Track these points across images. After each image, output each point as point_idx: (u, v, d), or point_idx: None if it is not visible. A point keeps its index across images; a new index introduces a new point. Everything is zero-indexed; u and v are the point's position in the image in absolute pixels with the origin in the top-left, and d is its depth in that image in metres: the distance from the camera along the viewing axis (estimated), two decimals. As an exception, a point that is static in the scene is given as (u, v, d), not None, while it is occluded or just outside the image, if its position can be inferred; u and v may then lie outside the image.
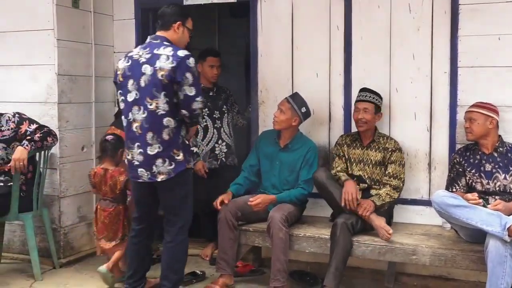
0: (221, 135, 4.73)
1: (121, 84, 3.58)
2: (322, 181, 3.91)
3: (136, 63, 3.53)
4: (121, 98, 3.59)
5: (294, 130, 4.21)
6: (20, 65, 4.69)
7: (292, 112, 4.12)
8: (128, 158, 3.63)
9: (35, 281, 4.22)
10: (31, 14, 4.60)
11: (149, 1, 5.02)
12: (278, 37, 4.56)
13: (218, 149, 4.71)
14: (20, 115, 4.30)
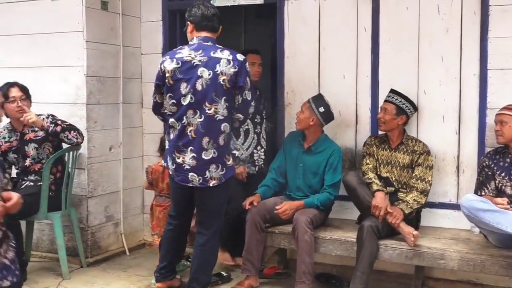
0: (260, 141, 4.63)
1: (171, 86, 3.51)
2: (353, 185, 3.89)
3: (188, 65, 3.47)
4: (172, 101, 3.52)
5: (317, 131, 4.19)
6: (50, 67, 4.76)
7: (310, 111, 4.11)
8: (177, 161, 3.55)
9: (63, 279, 4.28)
10: (61, 17, 4.67)
11: (176, 3, 5.06)
12: (305, 38, 4.54)
13: (257, 155, 4.61)
14: (53, 116, 4.38)
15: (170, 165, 3.61)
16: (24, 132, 4.37)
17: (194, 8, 3.67)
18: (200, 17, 3.62)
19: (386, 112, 3.97)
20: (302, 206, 4.00)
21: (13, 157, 4.35)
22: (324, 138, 4.23)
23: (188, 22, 3.69)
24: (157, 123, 5.06)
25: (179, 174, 3.57)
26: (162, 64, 3.55)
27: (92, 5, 4.64)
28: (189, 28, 3.69)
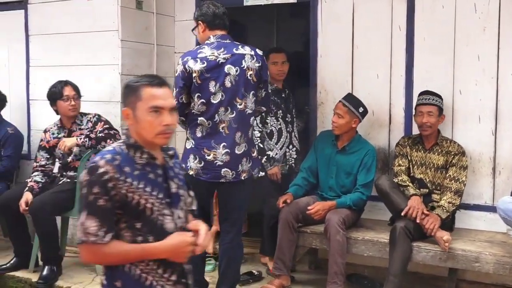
0: (292, 140, 4.58)
1: (199, 86, 3.50)
2: (385, 189, 3.85)
3: (214, 64, 3.48)
4: (201, 100, 3.50)
5: (352, 132, 4.16)
6: (86, 65, 4.84)
7: (350, 114, 4.06)
8: (207, 158, 3.53)
9: (96, 275, 4.33)
10: (97, 16, 4.74)
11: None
12: (338, 37, 4.52)
13: (289, 154, 4.55)
14: (99, 116, 4.48)
15: (196, 163, 3.54)
16: (72, 130, 4.47)
17: (204, 8, 3.68)
18: (212, 15, 3.64)
19: (432, 115, 3.87)
20: (334, 206, 3.98)
21: (59, 152, 4.46)
22: (358, 138, 4.20)
23: (199, 22, 3.67)
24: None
25: (208, 171, 3.54)
26: (186, 65, 3.48)
27: (127, 4, 4.69)
28: (200, 28, 3.68)
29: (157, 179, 2.17)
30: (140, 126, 2.14)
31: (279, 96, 4.52)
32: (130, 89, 2.18)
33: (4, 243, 4.98)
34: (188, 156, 3.57)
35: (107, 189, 2.03)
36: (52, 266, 4.23)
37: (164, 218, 2.15)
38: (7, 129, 4.86)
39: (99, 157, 2.08)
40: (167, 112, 2.16)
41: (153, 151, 2.19)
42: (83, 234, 2.04)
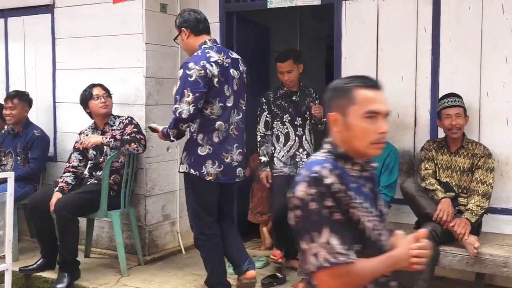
0: (302, 144, 4.48)
1: (218, 91, 3.58)
2: (411, 192, 3.81)
3: (223, 67, 3.61)
4: (220, 104, 3.60)
5: None
6: (111, 68, 4.88)
7: None
8: (226, 161, 3.64)
9: (122, 276, 4.37)
10: (121, 19, 4.78)
11: (234, 5, 5.10)
12: (363, 39, 4.49)
13: (299, 157, 4.47)
14: (131, 119, 4.52)
15: (215, 168, 3.62)
16: (105, 131, 4.53)
17: (185, 15, 3.76)
18: (195, 21, 3.74)
19: (460, 117, 3.82)
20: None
21: (92, 153, 4.52)
22: (380, 139, 4.16)
23: (182, 29, 3.74)
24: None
25: (226, 173, 3.67)
26: (207, 69, 3.52)
27: (152, 7, 4.73)
28: (183, 35, 3.75)
29: (370, 194, 1.93)
30: (352, 133, 1.89)
31: (287, 100, 4.49)
32: (340, 91, 1.92)
33: (31, 243, 5.05)
34: (205, 162, 3.62)
35: (338, 202, 1.78)
36: (67, 273, 4.18)
37: (381, 237, 1.90)
38: (34, 131, 4.94)
39: (319, 167, 1.82)
40: (382, 118, 1.91)
41: (363, 163, 1.95)
42: (330, 255, 1.73)
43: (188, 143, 3.72)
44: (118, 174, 4.47)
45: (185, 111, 3.50)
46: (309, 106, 4.46)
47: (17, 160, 4.94)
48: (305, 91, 4.56)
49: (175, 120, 3.54)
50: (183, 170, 3.71)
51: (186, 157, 3.69)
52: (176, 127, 3.57)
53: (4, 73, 5.58)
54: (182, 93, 3.51)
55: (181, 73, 3.57)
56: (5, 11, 5.50)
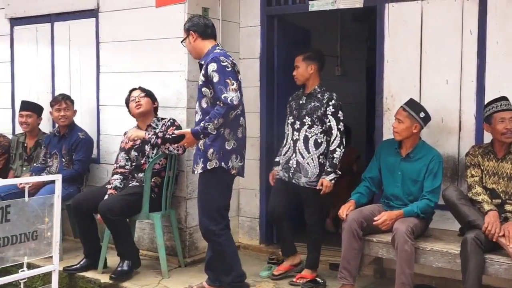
0: (296, 149, 4.30)
1: (240, 88, 3.78)
2: (453, 200, 3.72)
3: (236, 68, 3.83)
4: (242, 101, 3.80)
5: (415, 138, 4.06)
6: (153, 71, 4.94)
7: (411, 119, 3.97)
8: (244, 156, 3.93)
9: (163, 278, 4.42)
10: (164, 23, 4.83)
11: (275, 9, 5.10)
12: (406, 42, 4.42)
13: (291, 162, 4.31)
14: (173, 121, 4.57)
15: (237, 162, 3.86)
16: (148, 132, 4.57)
17: (194, 19, 3.96)
18: (203, 26, 3.90)
19: None
20: (401, 216, 3.88)
21: (134, 155, 4.59)
22: (422, 144, 4.09)
23: (191, 32, 3.90)
24: (254, 126, 5.14)
25: (243, 167, 3.94)
26: (234, 65, 3.75)
27: (194, 11, 4.76)
28: (191, 38, 3.91)
29: None
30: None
31: (297, 102, 4.41)
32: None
33: (74, 244, 5.15)
34: (230, 157, 3.80)
35: None
36: (128, 261, 4.39)
37: None
38: (79, 134, 5.04)
39: None
40: None
41: None
42: None
43: (214, 139, 3.77)
44: (159, 176, 4.52)
45: (235, 98, 3.64)
46: (311, 112, 4.26)
47: (62, 162, 5.05)
48: (315, 95, 4.31)
49: (227, 108, 3.63)
50: (212, 166, 3.75)
51: (214, 153, 3.76)
52: (225, 115, 3.65)
53: (50, 76, 5.71)
54: (226, 83, 3.64)
55: (215, 66, 3.67)
56: (51, 16, 5.63)
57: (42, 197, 2.46)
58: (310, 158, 4.24)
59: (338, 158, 4.17)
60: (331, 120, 4.22)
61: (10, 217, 2.28)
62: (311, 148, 4.24)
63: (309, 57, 4.32)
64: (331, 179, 4.15)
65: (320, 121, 4.24)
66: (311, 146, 4.24)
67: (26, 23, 5.84)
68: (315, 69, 4.32)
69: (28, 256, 2.38)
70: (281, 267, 4.49)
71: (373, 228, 3.97)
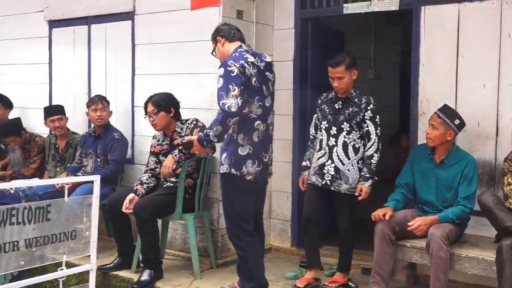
0: (332, 155, 4.20)
1: (258, 90, 3.72)
2: (489, 205, 3.67)
3: (259, 69, 3.76)
4: (259, 103, 3.74)
5: (449, 144, 4.01)
6: (187, 74, 4.99)
7: (445, 126, 3.92)
8: (264, 161, 3.81)
9: (195, 279, 4.45)
10: (199, 26, 4.87)
11: (309, 11, 5.09)
12: (442, 45, 4.37)
13: (326, 169, 4.20)
14: (196, 122, 4.61)
15: (255, 168, 3.75)
16: (173, 138, 4.64)
17: (219, 27, 3.99)
18: (228, 29, 3.93)
19: None
20: (436, 221, 3.83)
21: (163, 159, 4.62)
22: (456, 149, 4.04)
23: (218, 38, 3.93)
24: (286, 128, 5.15)
25: (263, 172, 3.82)
26: (245, 68, 3.65)
27: (228, 14, 4.79)
28: (219, 44, 3.93)
29: None
30: None
31: (331, 106, 4.28)
32: None
33: (108, 243, 5.22)
34: (245, 162, 3.73)
35: None
36: (150, 270, 4.36)
37: None
38: (114, 134, 5.12)
39: None
40: None
41: None
42: None
43: (227, 144, 3.77)
44: (191, 178, 4.55)
45: (234, 104, 3.57)
46: (350, 118, 4.16)
47: (97, 162, 5.14)
48: (352, 99, 4.20)
49: (224, 115, 3.58)
50: (224, 171, 3.76)
51: (226, 158, 3.76)
52: (223, 122, 3.59)
53: (87, 77, 5.81)
54: (228, 89, 3.59)
55: (222, 71, 3.66)
56: (88, 18, 5.72)
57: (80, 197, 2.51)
58: (350, 165, 4.16)
59: (375, 164, 4.13)
60: (369, 125, 4.16)
61: (50, 216, 2.33)
62: (351, 154, 4.16)
63: (351, 64, 4.16)
64: (370, 185, 4.11)
65: (358, 127, 4.17)
66: (350, 152, 4.16)
67: (64, 25, 5.95)
68: (356, 74, 4.22)
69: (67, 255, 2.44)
70: (304, 278, 4.32)
71: (406, 233, 3.93)
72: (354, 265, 4.56)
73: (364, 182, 4.11)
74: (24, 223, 2.28)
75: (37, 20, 6.12)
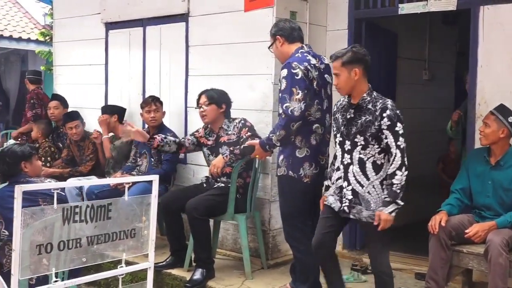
0: (348, 176, 3.46)
1: (318, 93, 3.70)
2: None
3: (319, 71, 3.74)
4: (318, 106, 3.73)
5: (504, 144, 3.89)
6: (240, 75, 5.02)
7: (498, 123, 3.82)
8: (321, 164, 3.80)
9: (246, 279, 4.47)
10: (252, 27, 4.89)
11: (363, 12, 5.04)
12: (502, 46, 4.25)
13: (344, 192, 3.48)
14: (244, 121, 4.63)
15: (312, 170, 3.75)
16: (220, 135, 4.67)
17: (280, 24, 3.94)
18: (289, 29, 3.87)
19: None
20: (494, 227, 3.72)
21: (207, 152, 4.71)
22: (512, 150, 3.92)
23: (277, 37, 3.88)
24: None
25: (320, 175, 3.79)
26: (309, 70, 3.65)
27: (282, 15, 4.78)
28: (278, 43, 3.89)
29: None
30: None
31: (343, 115, 3.52)
32: None
33: (161, 241, 5.29)
34: (302, 165, 3.73)
35: None
36: (203, 270, 4.40)
37: None
38: (167, 134, 5.18)
39: None
40: None
41: None
42: None
43: (284, 146, 3.77)
44: (241, 177, 4.56)
45: (297, 108, 3.57)
46: (364, 129, 3.37)
47: (151, 161, 5.23)
48: (364, 106, 3.42)
49: (287, 119, 3.59)
50: (281, 173, 3.77)
51: (283, 160, 3.76)
52: (286, 127, 3.60)
53: (141, 78, 5.92)
54: (291, 92, 3.59)
55: (285, 73, 3.64)
56: (144, 21, 5.83)
57: (140, 197, 2.57)
58: (371, 186, 3.40)
59: (399, 184, 3.30)
60: (388, 135, 3.34)
61: (111, 214, 2.39)
62: (370, 173, 3.40)
63: (349, 61, 3.40)
64: (391, 211, 3.31)
65: (376, 139, 3.37)
66: (369, 170, 3.39)
67: (120, 27, 6.09)
68: (360, 73, 3.41)
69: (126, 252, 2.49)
70: None
71: (462, 238, 3.84)
72: (407, 270, 4.50)
73: (383, 208, 3.32)
74: (87, 221, 2.34)
75: (94, 22, 6.29)
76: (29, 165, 3.85)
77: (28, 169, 3.85)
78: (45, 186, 2.77)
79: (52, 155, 6.13)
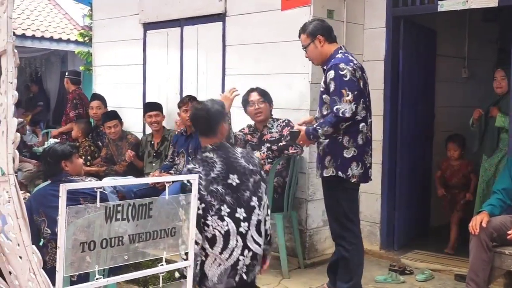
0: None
1: (362, 92, 3.73)
2: None
3: (361, 72, 3.75)
4: (363, 105, 3.71)
5: None
6: (277, 74, 5.02)
7: None
8: (366, 164, 3.78)
9: (283, 278, 4.48)
10: (289, 26, 4.86)
11: (402, 9, 4.99)
12: (546, 43, 4.15)
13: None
14: (288, 122, 4.66)
15: (358, 170, 3.73)
16: (263, 133, 4.72)
17: (317, 23, 3.90)
18: (329, 29, 3.88)
19: None
20: (537, 228, 3.65)
21: (248, 149, 4.70)
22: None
23: (318, 36, 3.82)
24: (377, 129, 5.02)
25: (365, 174, 3.79)
26: (357, 72, 3.68)
27: (319, 14, 4.77)
28: (317, 43, 3.84)
29: None
30: None
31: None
32: None
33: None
34: (350, 165, 3.72)
35: None
36: None
37: None
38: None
39: None
40: None
41: None
42: None
43: (331, 147, 3.74)
44: (280, 176, 4.58)
45: (348, 110, 3.58)
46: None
47: (188, 160, 5.27)
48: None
49: (337, 120, 3.60)
50: (329, 174, 3.75)
51: (331, 160, 3.74)
52: (335, 126, 3.62)
53: (179, 78, 5.98)
54: (341, 93, 3.60)
55: (332, 74, 3.64)
56: (181, 21, 5.89)
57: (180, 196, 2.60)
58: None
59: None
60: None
61: (152, 213, 2.42)
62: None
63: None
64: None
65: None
66: None
67: (158, 28, 6.16)
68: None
69: (166, 251, 2.52)
70: None
71: (504, 240, 3.77)
72: (446, 271, 4.43)
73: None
74: (128, 219, 2.37)
75: (133, 23, 6.38)
76: (69, 164, 3.93)
77: (68, 167, 3.92)
78: (89, 185, 2.82)
79: (92, 154, 6.25)
